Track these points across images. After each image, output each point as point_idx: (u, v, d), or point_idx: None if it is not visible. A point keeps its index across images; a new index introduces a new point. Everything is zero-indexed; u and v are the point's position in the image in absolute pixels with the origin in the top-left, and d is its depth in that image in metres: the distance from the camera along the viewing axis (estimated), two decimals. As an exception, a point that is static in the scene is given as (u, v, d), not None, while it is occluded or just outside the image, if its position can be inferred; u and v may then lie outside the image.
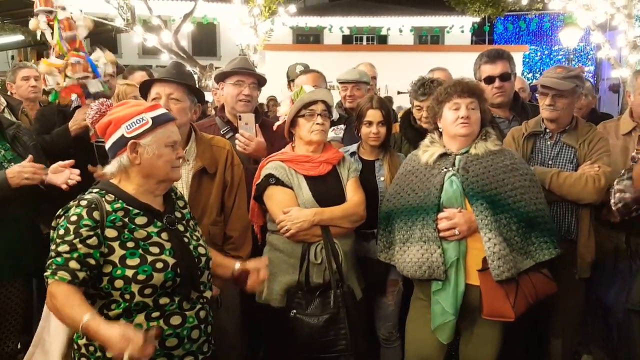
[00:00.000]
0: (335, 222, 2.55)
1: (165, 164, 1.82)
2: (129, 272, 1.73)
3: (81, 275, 1.66)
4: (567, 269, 2.69)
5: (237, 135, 2.88)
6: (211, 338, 1.96)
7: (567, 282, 2.67)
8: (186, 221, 1.97)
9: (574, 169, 2.79)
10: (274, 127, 2.89)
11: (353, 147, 3.03)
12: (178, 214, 1.95)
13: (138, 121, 1.79)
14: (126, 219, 1.77)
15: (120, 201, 1.79)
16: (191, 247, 1.89)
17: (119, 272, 1.73)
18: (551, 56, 20.92)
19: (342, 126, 3.47)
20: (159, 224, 1.84)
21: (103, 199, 1.78)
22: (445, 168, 2.46)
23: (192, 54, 11.67)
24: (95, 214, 1.72)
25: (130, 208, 1.79)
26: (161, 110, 1.88)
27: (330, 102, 2.68)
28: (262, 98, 11.90)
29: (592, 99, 3.88)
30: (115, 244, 1.74)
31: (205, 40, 20.87)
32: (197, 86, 2.71)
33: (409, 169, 2.59)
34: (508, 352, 2.53)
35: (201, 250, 1.93)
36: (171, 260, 1.79)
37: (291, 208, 2.51)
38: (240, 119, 2.90)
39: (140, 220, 1.80)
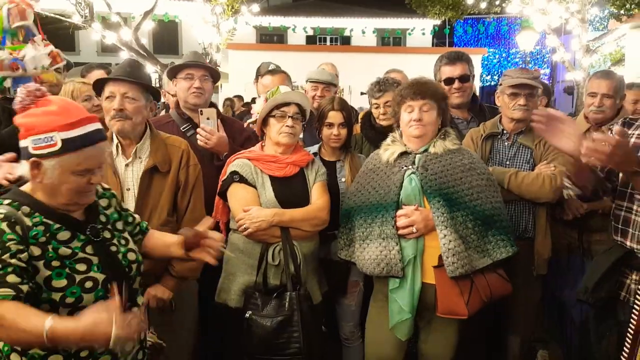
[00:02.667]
0: (295, 224, 2.53)
1: (69, 192, 1.60)
2: (56, 296, 1.55)
3: (24, 287, 1.47)
4: (524, 266, 2.76)
5: (198, 129, 2.84)
6: (145, 344, 1.86)
7: (524, 278, 2.73)
8: (112, 224, 1.80)
9: (531, 169, 2.86)
10: (245, 124, 2.88)
11: (314, 148, 3.02)
12: (102, 218, 1.77)
13: (46, 139, 1.53)
14: (48, 235, 1.58)
15: (37, 214, 1.59)
16: (120, 255, 1.74)
17: (44, 295, 1.54)
18: (509, 59, 21.48)
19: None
20: (82, 237, 1.66)
21: (19, 211, 1.56)
22: (405, 166, 2.49)
23: (153, 52, 11.48)
24: (18, 229, 1.52)
25: (51, 222, 1.60)
26: (84, 130, 1.59)
27: (305, 106, 2.66)
28: (229, 96, 11.80)
29: (542, 102, 3.98)
30: (40, 264, 1.54)
31: (167, 38, 20.56)
32: (154, 84, 2.66)
33: (370, 167, 2.61)
34: (468, 348, 2.57)
35: (131, 256, 1.78)
36: (100, 277, 1.63)
37: (251, 207, 2.49)
38: (201, 114, 2.86)
39: (63, 235, 1.61)
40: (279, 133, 2.57)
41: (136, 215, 1.99)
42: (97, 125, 1.64)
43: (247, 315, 2.45)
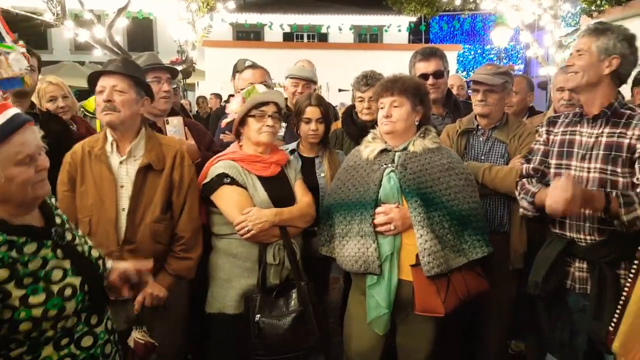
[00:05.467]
0: (293, 222, 2.54)
1: (21, 186, 1.49)
2: (37, 312, 1.48)
3: None
4: (500, 261, 2.78)
5: None
6: (119, 346, 1.84)
7: (500, 273, 2.76)
8: (67, 223, 1.74)
9: (505, 163, 2.90)
10: (222, 124, 2.85)
11: (292, 145, 3.04)
12: (58, 220, 1.69)
13: None
14: (14, 253, 1.48)
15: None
16: (86, 254, 1.71)
17: (22, 314, 1.46)
18: (484, 55, 21.74)
19: (284, 124, 3.47)
20: (49, 243, 1.59)
21: None
22: (385, 164, 2.50)
23: (128, 50, 11.32)
24: None
25: (15, 238, 1.49)
26: (3, 117, 1.48)
27: (281, 105, 2.66)
28: (205, 94, 11.72)
29: (529, 97, 4.01)
30: (10, 286, 1.46)
31: (141, 35, 20.32)
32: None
33: (351, 164, 2.62)
34: (444, 341, 2.60)
35: (94, 253, 1.75)
36: (77, 280, 1.60)
37: (251, 208, 2.46)
38: (167, 123, 2.80)
39: (30, 248, 1.52)
40: (260, 132, 2.55)
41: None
42: (15, 110, 1.54)
43: (256, 319, 2.40)
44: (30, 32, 10.67)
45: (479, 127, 3.01)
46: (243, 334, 2.43)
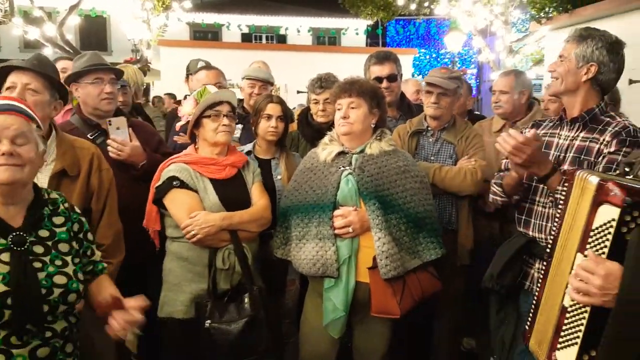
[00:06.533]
0: (243, 226, 2.49)
1: None
2: None
3: None
4: (449, 258, 2.83)
5: (109, 141, 2.67)
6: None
7: (449, 269, 2.83)
8: (54, 242, 1.68)
9: (454, 164, 3.00)
10: (177, 127, 2.81)
11: (248, 147, 3.02)
12: (44, 233, 1.66)
13: None
14: None
15: None
16: (43, 274, 1.60)
17: None
18: (438, 59, 22.16)
19: (240, 125, 3.47)
20: (2, 241, 1.56)
21: None
22: (343, 167, 2.51)
23: (81, 49, 11.03)
24: None
25: None
26: None
27: (235, 104, 2.63)
28: (161, 94, 11.53)
29: (469, 101, 4.19)
30: None
31: (95, 34, 19.81)
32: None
33: (308, 166, 2.61)
34: (398, 341, 2.64)
35: (59, 279, 1.62)
36: (2, 288, 1.51)
37: (198, 212, 2.41)
38: (110, 124, 2.70)
39: None
40: (216, 132, 2.51)
41: (98, 253, 1.87)
42: None
43: (206, 325, 2.36)
44: (-24, 29, 10.26)
45: (429, 128, 3.09)
46: (194, 340, 2.40)
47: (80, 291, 1.69)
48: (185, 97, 2.81)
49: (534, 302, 1.77)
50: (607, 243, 1.41)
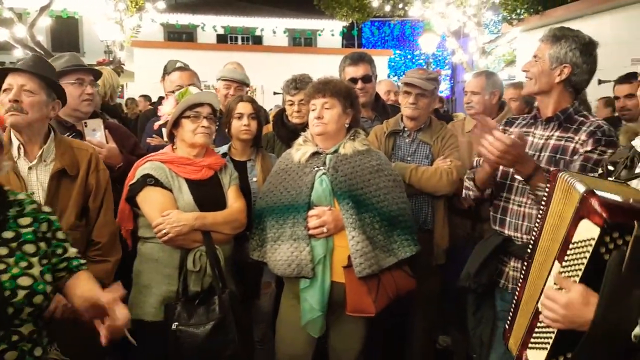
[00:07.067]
0: (217, 227, 2.46)
1: None
2: None
3: None
4: (424, 257, 2.86)
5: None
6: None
7: (424, 269, 2.85)
8: (19, 244, 1.65)
9: (430, 164, 3.03)
10: (155, 126, 2.79)
11: (224, 149, 2.99)
12: (9, 234, 1.64)
13: None
14: None
15: None
16: (6, 275, 1.57)
17: None
18: (413, 60, 22.38)
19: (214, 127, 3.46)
20: None
21: None
22: (317, 167, 2.51)
23: (52, 50, 10.85)
24: None
25: None
26: None
27: (216, 106, 2.61)
28: (135, 95, 11.39)
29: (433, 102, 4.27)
30: None
31: (67, 35, 19.49)
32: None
33: (282, 167, 2.62)
34: (373, 339, 2.66)
35: (23, 281, 1.59)
36: None
37: (171, 211, 2.38)
38: (85, 126, 2.67)
39: None
40: (195, 133, 2.49)
41: (72, 250, 1.82)
42: None
43: (173, 327, 2.32)
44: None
45: (405, 129, 3.12)
46: (161, 343, 2.36)
47: (48, 293, 1.65)
48: (159, 99, 2.79)
49: (514, 302, 1.77)
50: (584, 261, 1.38)
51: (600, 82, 7.81)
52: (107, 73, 3.83)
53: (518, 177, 2.23)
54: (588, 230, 1.38)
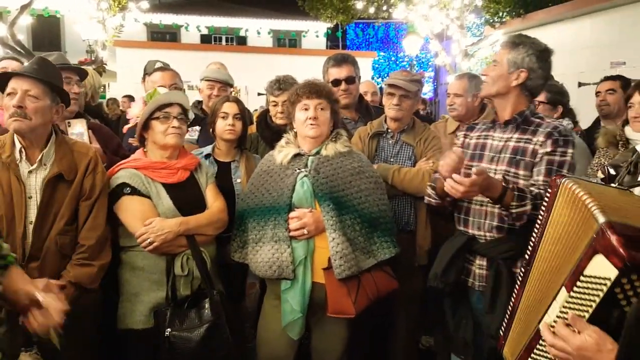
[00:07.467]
0: (201, 230, 2.45)
1: None
2: None
3: None
4: (407, 258, 2.90)
5: None
6: None
7: (407, 270, 2.86)
8: None
9: (413, 165, 3.04)
10: (124, 129, 2.76)
11: (208, 149, 2.99)
12: None
13: None
14: None
15: None
16: None
17: None
18: (397, 62, 22.46)
19: (198, 127, 3.44)
20: None
21: None
22: (298, 169, 2.51)
23: (33, 49, 10.71)
24: None
25: None
26: None
27: (186, 106, 2.59)
28: (117, 95, 11.28)
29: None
30: None
31: (48, 34, 19.24)
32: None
33: (264, 169, 2.61)
34: (356, 340, 2.66)
35: None
36: None
37: (153, 219, 2.35)
38: (69, 126, 2.65)
39: None
40: (166, 135, 2.46)
41: (5, 245, 1.77)
42: None
43: (166, 333, 2.31)
44: None
45: (389, 130, 3.13)
46: (155, 350, 2.34)
47: None
48: (134, 100, 2.78)
49: (510, 308, 1.74)
50: (596, 299, 1.30)
51: (580, 84, 7.94)
52: (90, 73, 3.80)
53: None
54: (604, 269, 1.27)
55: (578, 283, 1.35)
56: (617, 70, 6.81)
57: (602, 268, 1.28)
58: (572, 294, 1.37)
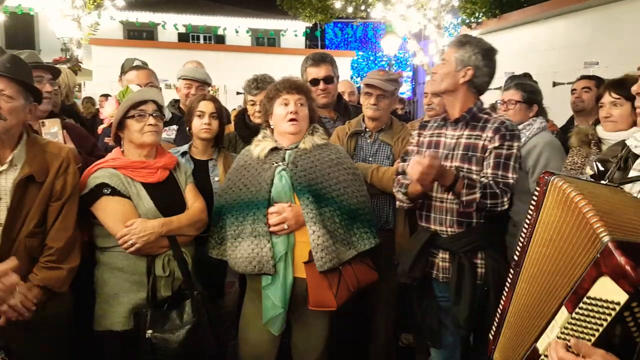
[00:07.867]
0: (182, 231, 2.43)
1: None
2: None
3: None
4: (386, 257, 2.90)
5: None
6: None
7: (386, 268, 2.87)
8: None
9: (391, 164, 3.06)
10: (99, 130, 2.72)
11: (184, 147, 2.96)
12: None
13: None
14: None
15: None
16: None
17: None
18: (376, 62, 22.52)
19: (175, 126, 3.41)
20: None
21: None
22: (276, 163, 2.50)
23: (6, 47, 10.44)
24: None
25: None
26: None
27: (161, 102, 2.55)
28: (93, 94, 11.12)
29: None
30: None
31: (22, 32, 18.88)
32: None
33: (241, 164, 2.59)
34: (336, 337, 2.67)
35: None
36: None
37: (134, 220, 2.31)
38: (43, 125, 2.60)
39: None
40: (143, 133, 2.42)
41: None
42: None
43: (148, 335, 2.28)
44: None
45: (367, 130, 3.15)
46: (135, 352, 2.31)
47: None
48: (107, 99, 2.73)
49: (499, 311, 1.68)
50: (604, 323, 1.22)
51: (554, 84, 8.08)
52: (64, 72, 3.74)
53: None
54: (611, 292, 1.19)
55: (581, 305, 1.26)
56: (590, 70, 6.93)
57: (609, 291, 1.19)
58: (574, 315, 1.29)
